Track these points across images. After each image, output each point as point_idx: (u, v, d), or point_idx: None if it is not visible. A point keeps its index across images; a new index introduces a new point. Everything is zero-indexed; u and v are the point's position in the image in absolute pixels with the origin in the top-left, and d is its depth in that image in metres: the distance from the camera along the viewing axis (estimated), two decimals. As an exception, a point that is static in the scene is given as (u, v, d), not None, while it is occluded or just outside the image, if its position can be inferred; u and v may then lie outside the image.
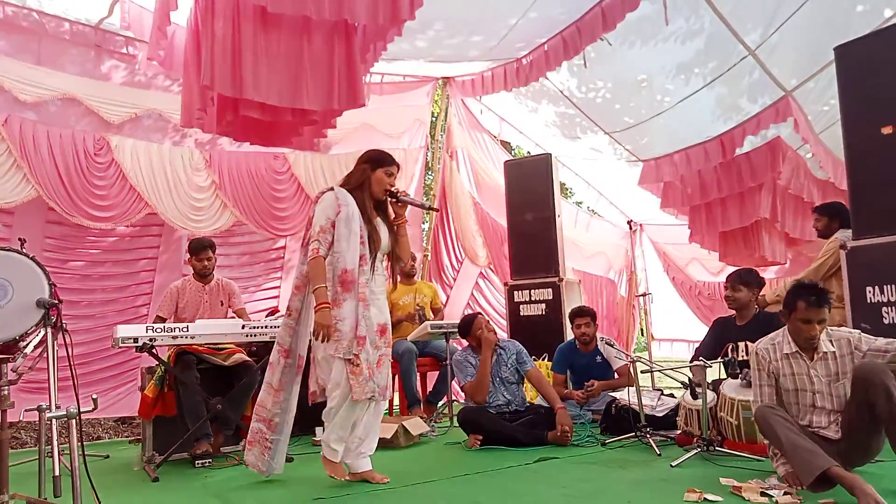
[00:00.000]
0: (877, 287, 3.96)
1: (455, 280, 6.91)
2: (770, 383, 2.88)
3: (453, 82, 6.48)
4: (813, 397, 2.77)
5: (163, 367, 3.79)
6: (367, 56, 4.32)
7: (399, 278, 5.01)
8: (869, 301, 3.99)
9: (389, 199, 3.23)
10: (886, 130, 3.98)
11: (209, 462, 3.67)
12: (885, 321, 3.88)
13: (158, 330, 3.54)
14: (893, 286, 3.87)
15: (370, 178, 3.17)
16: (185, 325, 3.67)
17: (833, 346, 2.82)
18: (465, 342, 4.83)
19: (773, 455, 2.81)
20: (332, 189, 3.16)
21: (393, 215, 3.28)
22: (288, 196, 6.27)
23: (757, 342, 2.96)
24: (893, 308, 3.88)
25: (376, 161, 3.21)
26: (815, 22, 4.79)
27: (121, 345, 3.47)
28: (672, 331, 8.34)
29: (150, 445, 3.80)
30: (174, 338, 3.57)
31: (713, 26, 4.98)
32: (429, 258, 6.82)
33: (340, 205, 3.06)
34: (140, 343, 3.48)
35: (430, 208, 3.79)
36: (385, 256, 3.26)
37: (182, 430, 3.74)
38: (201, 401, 3.78)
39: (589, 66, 5.43)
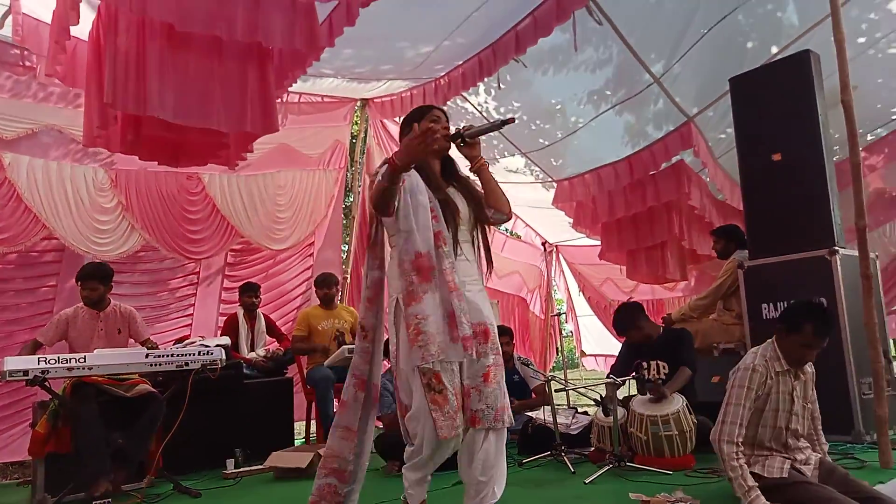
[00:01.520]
0: (771, 304, 4.22)
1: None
2: (751, 406, 2.61)
3: (372, 103, 6.48)
4: (789, 417, 2.65)
5: (56, 401, 3.54)
6: (285, 82, 4.27)
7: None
8: (765, 318, 4.24)
9: (455, 143, 2.53)
10: (776, 157, 4.28)
11: (108, 502, 3.42)
12: (779, 336, 4.13)
13: (52, 361, 3.30)
14: (785, 303, 4.12)
15: None
16: (81, 355, 3.44)
17: (810, 368, 2.77)
18: (386, 364, 4.78)
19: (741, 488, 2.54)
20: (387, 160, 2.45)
21: (468, 162, 2.59)
22: (202, 218, 6.07)
23: (748, 359, 2.68)
24: (786, 324, 4.13)
25: (414, 118, 2.53)
26: (713, 54, 5.10)
27: (8, 378, 3.21)
28: (603, 346, 8.56)
29: (40, 487, 3.53)
30: (70, 369, 3.34)
31: (621, 56, 5.21)
32: (348, 280, 6.74)
33: (403, 178, 2.36)
34: (31, 376, 3.22)
35: (505, 122, 2.59)
36: (470, 235, 2.51)
37: (78, 468, 3.49)
38: (100, 436, 3.54)
39: (506, 90, 5.56)
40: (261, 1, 3.56)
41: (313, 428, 5.12)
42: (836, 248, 3.96)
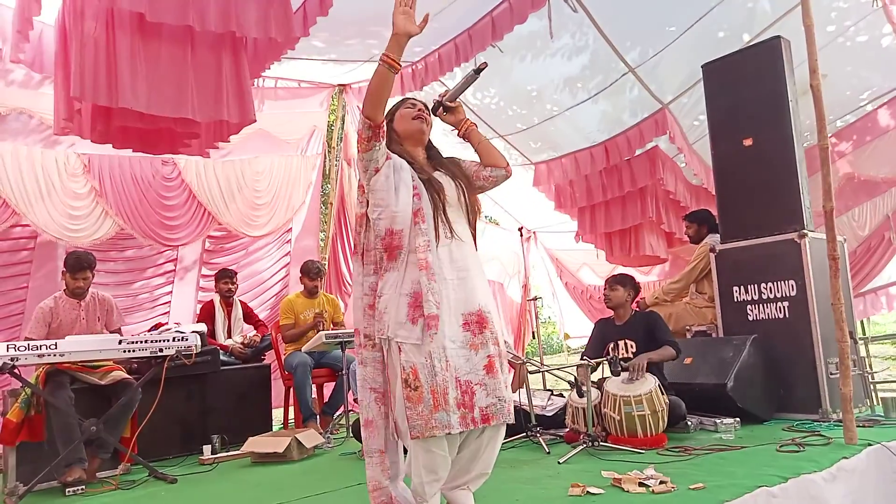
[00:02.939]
0: (742, 287, 4.30)
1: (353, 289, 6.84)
2: None
3: (350, 89, 6.44)
4: None
5: (28, 389, 3.50)
6: (259, 70, 4.23)
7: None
8: (736, 300, 4.32)
9: (438, 114, 2.47)
10: (747, 142, 4.34)
11: (82, 489, 3.41)
12: (750, 318, 4.23)
13: (21, 348, 3.26)
14: (755, 286, 4.21)
15: (394, 128, 2.41)
16: (52, 342, 3.40)
17: None
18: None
19: None
20: None
21: (454, 131, 2.52)
22: (178, 204, 6.00)
23: None
24: (756, 306, 4.22)
25: (392, 111, 2.47)
26: (687, 42, 5.15)
27: (-23, 366, 3.17)
28: (585, 330, 8.63)
29: (13, 475, 3.50)
30: (41, 356, 3.30)
31: (597, 43, 5.24)
32: (325, 267, 6.71)
33: (388, 154, 2.31)
34: None
35: (479, 70, 2.49)
36: (465, 218, 2.39)
37: (52, 456, 3.47)
38: (74, 423, 3.52)
39: (482, 76, 5.54)
40: (233, -10, 3.53)
41: (291, 414, 5.12)
42: (806, 231, 4.03)
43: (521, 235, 5.96)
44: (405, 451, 2.38)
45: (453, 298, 2.21)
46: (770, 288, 4.15)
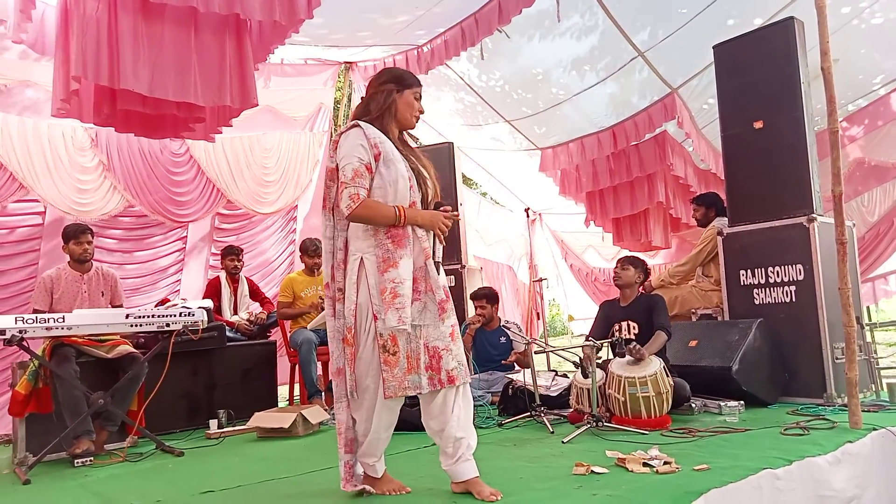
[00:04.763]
0: (749, 270, 4.28)
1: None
2: None
3: (356, 67, 6.39)
4: None
5: (36, 362, 3.53)
6: (263, 55, 4.20)
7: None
8: (742, 284, 4.31)
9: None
10: (758, 125, 4.29)
11: (90, 461, 3.45)
12: (756, 302, 4.22)
13: (30, 321, 3.28)
14: (762, 270, 4.19)
15: (397, 102, 2.45)
16: (60, 315, 3.41)
17: None
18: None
19: None
20: (355, 125, 2.41)
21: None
22: (187, 180, 5.99)
23: None
24: (763, 290, 4.21)
25: (402, 80, 2.48)
26: (698, 23, 5.07)
27: (-14, 338, 3.19)
28: (589, 312, 8.65)
29: (22, 446, 3.54)
30: (48, 329, 3.32)
31: (606, 23, 5.16)
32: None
33: (376, 143, 2.36)
34: (8, 335, 3.20)
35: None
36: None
37: (60, 428, 3.51)
38: (81, 395, 3.56)
39: (488, 57, 5.50)
40: (238, -28, 3.49)
41: (297, 390, 5.16)
42: (815, 215, 4.00)
43: (528, 217, 5.96)
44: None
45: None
46: (777, 272, 4.13)
